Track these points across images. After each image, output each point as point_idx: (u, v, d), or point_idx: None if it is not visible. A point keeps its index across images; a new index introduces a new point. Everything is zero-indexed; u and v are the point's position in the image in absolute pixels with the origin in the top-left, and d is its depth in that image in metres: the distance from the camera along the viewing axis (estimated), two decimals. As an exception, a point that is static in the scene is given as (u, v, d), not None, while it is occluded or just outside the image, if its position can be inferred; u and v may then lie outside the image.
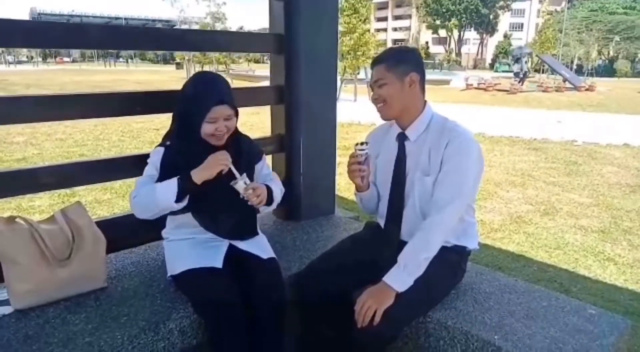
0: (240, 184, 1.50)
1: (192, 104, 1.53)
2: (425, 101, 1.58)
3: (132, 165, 1.88)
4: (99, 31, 1.74)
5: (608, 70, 39.55)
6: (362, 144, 1.53)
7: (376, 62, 1.54)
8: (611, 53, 43.76)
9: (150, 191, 1.49)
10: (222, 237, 1.62)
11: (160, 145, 1.61)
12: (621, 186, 5.56)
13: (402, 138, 1.58)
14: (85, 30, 1.71)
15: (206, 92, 1.53)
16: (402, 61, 1.50)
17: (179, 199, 1.48)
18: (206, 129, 1.51)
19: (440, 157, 1.48)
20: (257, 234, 1.73)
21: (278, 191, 1.70)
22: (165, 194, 1.47)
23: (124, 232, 1.86)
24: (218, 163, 1.48)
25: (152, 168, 1.57)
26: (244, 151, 1.66)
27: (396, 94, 1.50)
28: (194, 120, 1.52)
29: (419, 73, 1.51)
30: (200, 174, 1.48)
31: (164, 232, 1.71)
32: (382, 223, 1.69)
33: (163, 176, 1.53)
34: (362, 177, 1.57)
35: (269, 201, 1.63)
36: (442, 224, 1.44)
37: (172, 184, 1.48)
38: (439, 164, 1.48)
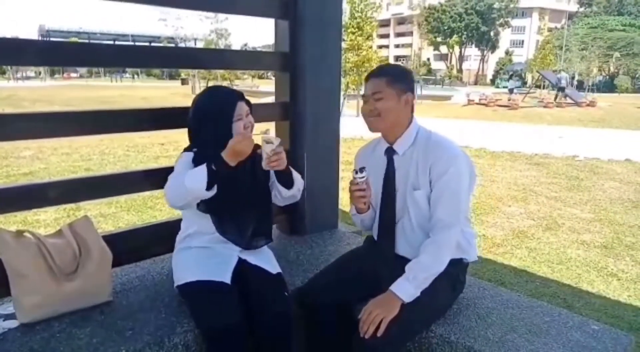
0: (270, 145, 1.51)
1: (217, 109, 1.59)
2: (412, 117, 1.61)
3: (138, 181, 1.92)
4: (111, 50, 1.79)
5: (609, 86, 39.62)
6: (360, 170, 1.54)
7: (376, 75, 1.56)
8: (612, 69, 43.95)
9: (181, 180, 1.45)
10: (236, 244, 1.62)
11: (187, 150, 1.64)
12: (623, 202, 5.55)
13: (390, 152, 1.61)
14: (98, 49, 1.76)
15: (226, 94, 1.65)
16: (402, 80, 1.55)
17: (209, 186, 1.44)
18: (238, 127, 1.58)
19: (428, 172, 1.51)
20: (271, 240, 1.74)
21: (299, 178, 1.73)
22: (195, 181, 1.43)
23: (130, 246, 1.89)
24: (245, 149, 1.47)
25: (183, 167, 1.54)
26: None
27: (391, 109, 1.53)
28: (224, 123, 1.57)
29: (412, 95, 1.57)
30: (230, 157, 1.47)
31: (177, 238, 1.73)
32: (375, 236, 1.71)
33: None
34: (365, 202, 1.60)
35: (289, 180, 1.67)
36: (451, 241, 1.49)
37: (201, 170, 1.44)
38: (427, 179, 1.52)
